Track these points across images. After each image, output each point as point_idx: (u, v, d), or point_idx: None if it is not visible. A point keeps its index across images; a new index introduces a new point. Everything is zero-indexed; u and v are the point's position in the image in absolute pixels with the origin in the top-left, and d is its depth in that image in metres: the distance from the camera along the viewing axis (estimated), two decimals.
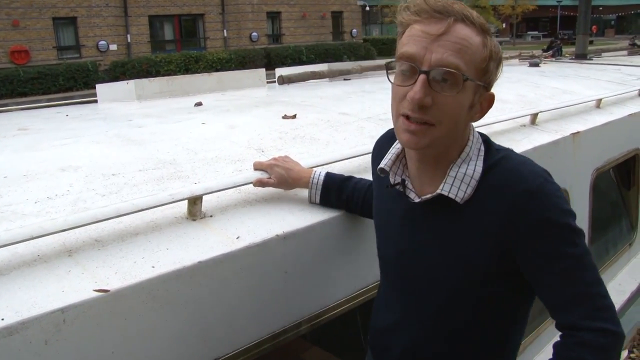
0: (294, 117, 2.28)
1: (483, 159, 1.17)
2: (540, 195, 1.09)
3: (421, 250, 1.22)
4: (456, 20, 1.08)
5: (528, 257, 1.12)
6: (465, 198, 1.15)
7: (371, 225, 1.65)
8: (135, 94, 3.09)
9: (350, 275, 1.61)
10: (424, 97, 1.06)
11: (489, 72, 1.12)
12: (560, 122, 2.90)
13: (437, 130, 1.09)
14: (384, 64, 3.81)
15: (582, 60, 5.78)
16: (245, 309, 1.36)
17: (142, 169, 1.67)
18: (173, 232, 1.35)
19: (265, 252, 1.37)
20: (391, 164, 1.25)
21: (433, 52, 1.06)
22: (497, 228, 1.12)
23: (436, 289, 1.22)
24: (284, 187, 1.59)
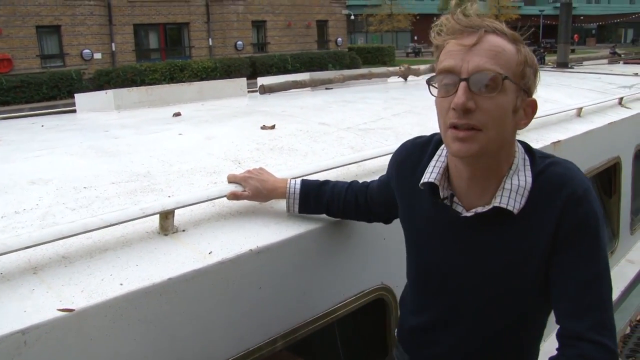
0: (272, 128, 2.25)
1: (530, 168, 1.21)
2: (586, 199, 1.14)
3: (471, 260, 1.25)
4: (487, 32, 1.13)
5: (559, 258, 1.16)
6: (519, 208, 1.18)
7: (348, 239, 1.63)
8: (114, 104, 3.05)
9: (327, 289, 1.58)
10: (466, 101, 1.09)
11: (526, 77, 1.15)
12: (541, 131, 2.90)
13: (485, 135, 1.11)
14: (366, 72, 3.79)
15: (564, 69, 5.83)
16: (218, 326, 1.33)
17: (115, 182, 1.63)
18: (144, 248, 1.31)
19: (238, 268, 1.34)
20: (440, 178, 1.26)
21: (469, 60, 1.11)
22: (549, 233, 1.16)
23: (480, 296, 1.26)
24: (259, 199, 1.57)
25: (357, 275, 1.67)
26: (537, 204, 1.18)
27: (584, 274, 1.14)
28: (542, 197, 1.17)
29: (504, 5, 46.73)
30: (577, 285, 1.14)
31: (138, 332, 1.18)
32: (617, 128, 3.49)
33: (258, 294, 1.39)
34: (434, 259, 1.32)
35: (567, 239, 1.15)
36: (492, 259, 1.23)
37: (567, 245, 1.15)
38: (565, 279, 1.16)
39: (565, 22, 5.86)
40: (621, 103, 3.88)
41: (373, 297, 1.71)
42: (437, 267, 1.31)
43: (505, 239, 1.21)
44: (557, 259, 1.17)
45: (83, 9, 24.11)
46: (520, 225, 1.19)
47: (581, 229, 1.14)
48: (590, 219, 1.14)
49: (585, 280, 1.14)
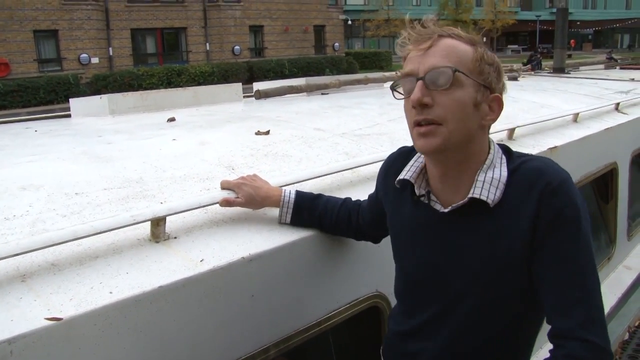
0: (267, 133, 2.24)
1: (506, 164, 1.23)
2: (562, 190, 1.14)
3: (453, 257, 1.25)
4: (441, 36, 1.19)
5: (539, 253, 1.16)
6: (495, 200, 1.19)
7: (342, 246, 1.62)
8: (108, 108, 3.03)
9: (321, 297, 1.56)
10: (422, 96, 1.15)
11: (484, 73, 1.19)
12: (538, 136, 2.90)
13: (445, 129, 1.15)
14: (362, 77, 3.78)
15: (560, 74, 5.84)
16: (209, 334, 1.31)
17: (107, 188, 1.61)
18: (134, 255, 1.29)
19: (230, 275, 1.32)
20: (416, 177, 1.30)
21: (425, 62, 1.17)
22: (528, 224, 1.16)
23: (468, 291, 1.24)
24: (252, 206, 1.55)
25: (352, 282, 1.65)
26: (513, 198, 1.19)
27: (565, 268, 1.13)
28: (518, 190, 1.18)
29: (501, 11, 46.91)
30: (559, 280, 1.13)
31: (128, 341, 1.17)
32: (613, 133, 3.48)
33: (250, 302, 1.37)
34: (417, 261, 1.33)
35: (545, 232, 1.15)
36: (471, 256, 1.23)
37: (545, 238, 1.15)
38: (548, 274, 1.15)
39: (562, 28, 5.87)
40: (618, 108, 3.88)
41: (367, 304, 1.70)
42: (420, 268, 1.32)
43: (482, 235, 1.22)
44: (538, 254, 1.16)
45: (80, 14, 24.16)
46: (497, 220, 1.20)
47: (558, 220, 1.14)
48: (567, 210, 1.14)
49: (567, 275, 1.13)
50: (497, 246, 1.20)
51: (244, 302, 1.36)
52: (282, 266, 1.44)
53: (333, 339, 1.69)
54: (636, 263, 3.82)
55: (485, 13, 46.12)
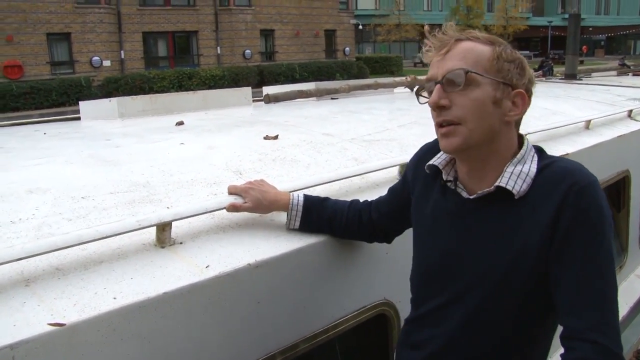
0: (275, 138, 2.23)
1: (537, 161, 1.23)
2: (588, 192, 1.14)
3: (471, 244, 1.26)
4: (458, 40, 1.23)
5: (558, 251, 1.15)
6: (521, 193, 1.20)
7: (349, 252, 1.60)
8: (117, 112, 3.03)
9: (328, 304, 1.54)
10: (438, 99, 1.20)
11: (503, 71, 1.20)
12: (549, 143, 2.86)
13: (465, 128, 1.19)
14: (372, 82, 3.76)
15: (572, 81, 5.79)
16: (214, 341, 1.29)
17: (114, 192, 1.61)
18: (139, 261, 1.28)
19: (236, 282, 1.31)
20: (445, 164, 1.34)
21: (443, 66, 1.22)
22: (549, 220, 1.15)
23: (479, 282, 1.24)
24: (260, 211, 1.54)
25: (359, 290, 1.63)
26: (538, 193, 1.19)
27: (584, 269, 1.12)
28: (545, 187, 1.18)
29: (512, 17, 46.75)
30: (575, 280, 1.12)
31: (132, 347, 1.15)
32: (626, 141, 3.44)
33: (256, 309, 1.36)
34: (435, 249, 1.34)
35: (566, 230, 1.14)
36: (489, 245, 1.23)
37: (566, 237, 1.14)
38: (564, 272, 1.14)
39: (574, 34, 5.82)
40: (630, 115, 3.83)
41: (375, 312, 1.67)
42: (436, 256, 1.33)
43: (503, 225, 1.22)
44: (556, 252, 1.15)
45: (93, 17, 24.37)
46: (520, 212, 1.20)
47: (581, 220, 1.13)
48: (591, 211, 1.13)
49: (585, 276, 1.12)
50: (515, 238, 1.20)
51: (250, 309, 1.35)
52: (289, 273, 1.43)
53: (340, 347, 1.67)
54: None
55: (497, 19, 45.96)
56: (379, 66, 34.97)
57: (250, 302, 1.34)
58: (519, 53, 1.27)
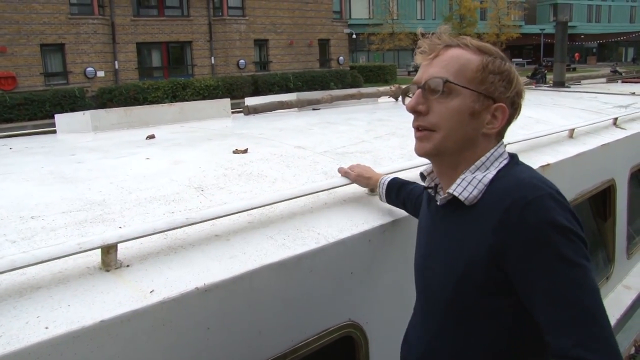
0: (245, 152, 2.16)
1: (499, 169, 1.20)
2: (536, 205, 1.07)
3: (435, 252, 1.28)
4: (448, 46, 1.22)
5: (518, 271, 1.09)
6: (470, 200, 1.17)
7: (309, 273, 1.54)
8: (91, 125, 2.97)
9: (287, 327, 1.47)
10: (415, 104, 1.22)
11: (487, 83, 1.19)
12: (531, 153, 2.81)
13: (438, 135, 1.20)
14: (355, 92, 3.69)
15: (560, 88, 5.75)
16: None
17: (66, 211, 1.54)
18: (80, 286, 1.21)
19: (183, 307, 1.24)
20: (430, 171, 1.37)
21: (426, 71, 1.23)
22: (490, 234, 1.12)
23: (442, 296, 1.24)
24: (360, 182, 1.85)
25: (321, 311, 1.56)
26: (487, 204, 1.15)
27: (551, 285, 1.04)
28: (492, 198, 1.15)
29: (505, 25, 46.92)
30: (546, 298, 1.05)
31: None
32: (611, 149, 3.39)
33: (205, 336, 1.28)
34: (417, 252, 1.39)
35: (518, 245, 1.07)
36: (449, 251, 1.22)
37: (520, 253, 1.07)
38: (533, 292, 1.07)
39: (561, 41, 5.79)
40: (616, 123, 3.78)
41: (339, 334, 1.60)
42: (418, 259, 1.37)
43: (458, 231, 1.21)
44: (514, 269, 1.09)
45: (87, 28, 24.34)
46: (469, 221, 1.18)
47: (532, 234, 1.06)
48: (541, 224, 1.05)
49: (554, 291, 1.04)
50: (464, 248, 1.18)
51: (199, 336, 1.27)
52: (242, 296, 1.35)
53: None
54: (636, 282, 3.70)
55: (490, 27, 46.12)
56: (373, 75, 35.02)
57: (199, 328, 1.27)
58: (511, 64, 1.24)
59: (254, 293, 1.38)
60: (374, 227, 1.71)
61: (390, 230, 1.76)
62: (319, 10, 32.36)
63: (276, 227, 1.57)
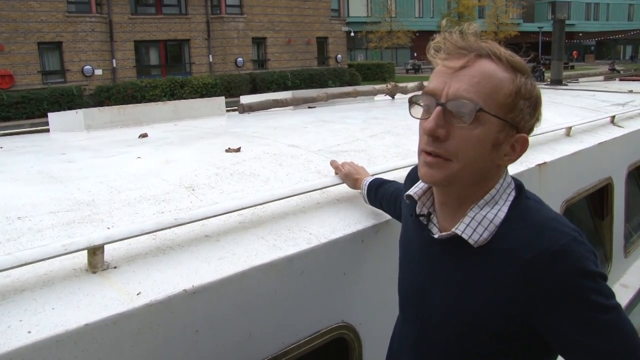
0: (237, 151, 2.14)
1: (510, 205, 1.09)
2: (563, 256, 0.99)
3: (434, 289, 1.17)
4: (479, 56, 1.05)
5: (553, 324, 1.01)
6: (480, 242, 1.07)
7: (301, 272, 1.51)
8: (84, 124, 2.94)
9: (278, 329, 1.45)
10: (436, 127, 1.04)
11: (516, 110, 1.05)
12: (527, 152, 2.74)
13: (453, 166, 1.05)
14: (351, 90, 3.66)
15: (557, 86, 5.73)
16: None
17: (54, 211, 1.51)
18: (66, 288, 1.19)
19: (170, 310, 1.21)
20: (421, 194, 1.22)
21: (451, 85, 1.05)
22: (512, 285, 1.03)
23: (446, 330, 1.15)
24: (348, 182, 1.81)
25: (313, 313, 1.54)
26: (505, 246, 1.05)
27: (592, 337, 0.98)
28: (512, 241, 1.05)
29: (503, 22, 46.89)
30: (590, 349, 0.99)
31: None
32: (608, 148, 3.37)
33: (194, 339, 1.26)
34: (406, 279, 1.28)
35: (549, 299, 0.99)
36: (452, 295, 1.13)
37: (552, 306, 1.00)
38: (569, 343, 1.01)
39: (559, 39, 5.77)
40: (613, 122, 3.76)
41: (332, 336, 1.58)
42: (407, 288, 1.27)
43: (465, 275, 1.11)
44: (545, 322, 1.02)
45: (84, 26, 24.28)
46: (480, 263, 1.08)
47: (564, 287, 0.98)
48: (572, 277, 0.98)
49: (597, 340, 0.98)
50: (475, 294, 1.08)
51: (187, 339, 1.25)
52: (231, 298, 1.33)
53: None
54: (633, 281, 3.69)
55: (488, 25, 46.05)
56: (371, 73, 34.97)
57: (187, 331, 1.25)
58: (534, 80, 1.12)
59: (244, 295, 1.35)
60: (367, 227, 1.68)
61: (384, 230, 1.73)
62: (317, 9, 32.32)
63: (267, 227, 1.55)
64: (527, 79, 1.07)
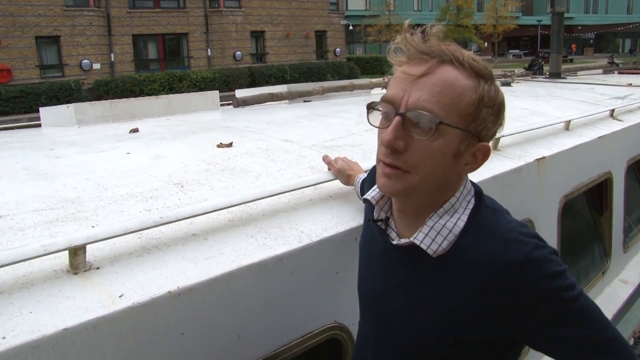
0: (229, 146, 2.09)
1: (469, 214, 1.07)
2: (528, 265, 0.98)
3: (393, 295, 1.15)
4: (442, 62, 1.00)
5: (527, 329, 1.02)
6: (439, 252, 1.05)
7: (293, 272, 1.47)
8: (75, 118, 2.89)
9: (269, 330, 1.40)
10: (394, 140, 1.00)
11: (478, 120, 1.01)
12: (525, 146, 2.74)
13: (413, 178, 1.02)
14: (347, 84, 3.60)
15: (556, 80, 5.68)
16: None
17: (38, 209, 1.47)
18: (45, 290, 1.14)
19: (154, 313, 1.17)
20: (379, 198, 1.19)
21: (411, 94, 1.00)
22: (477, 297, 1.01)
23: (405, 335, 1.13)
24: (341, 177, 1.75)
25: (306, 313, 1.49)
26: (465, 257, 1.03)
27: (561, 329, 0.99)
28: (473, 253, 1.02)
29: (502, 16, 46.71)
30: (560, 341, 1.00)
31: None
32: (607, 142, 3.32)
33: (180, 341, 1.22)
34: (365, 284, 1.27)
35: (518, 307, 1.00)
36: (411, 299, 1.11)
37: (521, 313, 1.00)
38: (545, 339, 1.02)
39: (557, 32, 5.71)
40: (613, 115, 3.72)
41: (325, 337, 1.54)
42: (370, 288, 1.24)
43: (423, 282, 1.09)
44: (518, 326, 1.02)
45: (82, 20, 24.16)
46: (441, 272, 1.06)
47: (532, 295, 0.98)
48: (538, 283, 0.98)
49: (573, 331, 0.99)
50: (432, 301, 1.07)
51: (172, 342, 1.21)
52: (219, 300, 1.28)
53: None
54: (632, 276, 3.66)
55: (487, 18, 45.88)
56: (370, 66, 34.87)
57: (173, 334, 1.20)
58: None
59: (232, 296, 1.31)
60: (361, 224, 1.63)
61: None
62: (316, 2, 32.16)
63: (257, 225, 1.50)
64: (491, 85, 1.03)
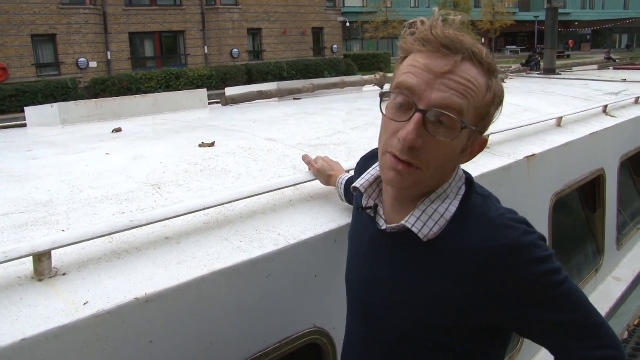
0: (211, 145, 2.05)
1: (460, 200, 1.08)
2: (518, 251, 1.00)
3: (381, 281, 1.15)
4: (464, 59, 0.98)
5: (512, 312, 1.03)
6: (430, 237, 1.06)
7: (269, 276, 1.43)
8: (59, 118, 2.85)
9: (242, 337, 1.36)
10: (416, 138, 0.97)
11: (488, 118, 1.04)
12: (516, 144, 2.70)
13: (424, 174, 1.02)
14: (338, 81, 3.54)
15: (550, 75, 5.64)
16: None
17: (7, 213, 1.43)
18: (6, 299, 1.10)
19: (120, 320, 1.13)
20: (367, 186, 1.19)
21: (435, 90, 0.97)
22: (467, 283, 1.02)
23: (394, 324, 1.13)
24: (321, 178, 1.71)
25: (282, 318, 1.45)
26: (456, 242, 1.04)
27: (555, 313, 1.00)
28: (464, 238, 1.04)
29: (499, 12, 46.60)
30: (549, 325, 1.01)
31: None
32: (600, 138, 3.29)
33: (148, 350, 1.18)
34: (357, 270, 1.25)
35: (508, 292, 1.00)
36: (401, 285, 1.11)
37: (511, 297, 1.01)
38: (534, 324, 1.03)
39: (552, 28, 5.67)
40: (606, 111, 3.68)
41: (304, 342, 1.50)
42: (359, 279, 1.23)
43: (414, 269, 1.09)
44: (506, 312, 1.03)
45: (78, 18, 24.05)
46: (430, 259, 1.07)
47: (523, 279, 0.99)
48: (528, 267, 0.99)
49: (561, 315, 1.01)
50: (424, 288, 1.07)
51: (140, 351, 1.17)
52: (189, 306, 1.24)
53: None
54: (626, 274, 3.62)
55: (484, 14, 45.76)
56: (367, 63, 34.78)
57: (141, 342, 1.16)
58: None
59: (204, 301, 1.27)
60: (341, 225, 1.60)
61: None
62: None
63: (233, 228, 1.46)
64: (498, 80, 1.04)
